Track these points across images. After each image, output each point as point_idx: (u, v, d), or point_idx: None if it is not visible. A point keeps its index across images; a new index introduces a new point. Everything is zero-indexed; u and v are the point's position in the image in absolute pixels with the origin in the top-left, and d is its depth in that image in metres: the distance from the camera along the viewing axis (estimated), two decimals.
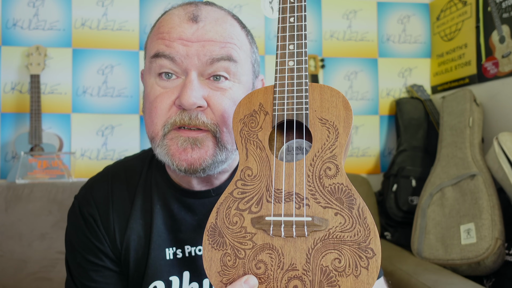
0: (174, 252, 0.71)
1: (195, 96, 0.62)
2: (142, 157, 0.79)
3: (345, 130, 0.55)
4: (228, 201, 0.56)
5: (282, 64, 0.58)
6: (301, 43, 0.58)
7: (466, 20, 1.80)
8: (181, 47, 0.63)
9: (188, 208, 0.72)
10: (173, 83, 0.65)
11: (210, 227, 0.56)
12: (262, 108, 0.58)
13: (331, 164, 0.54)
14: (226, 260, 0.54)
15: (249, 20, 1.96)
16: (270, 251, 0.53)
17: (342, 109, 0.56)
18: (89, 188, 0.76)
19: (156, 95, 0.65)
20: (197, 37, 0.64)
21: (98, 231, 0.71)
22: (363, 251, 0.50)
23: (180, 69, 0.64)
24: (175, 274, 0.71)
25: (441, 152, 1.61)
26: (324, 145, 0.55)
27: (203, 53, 0.63)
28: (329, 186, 0.53)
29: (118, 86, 1.86)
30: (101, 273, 0.71)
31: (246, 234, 0.54)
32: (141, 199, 0.73)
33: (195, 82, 0.63)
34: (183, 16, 0.65)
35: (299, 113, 0.56)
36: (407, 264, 1.38)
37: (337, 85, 2.01)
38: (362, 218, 0.51)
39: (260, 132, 0.58)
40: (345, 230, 0.51)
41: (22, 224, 1.45)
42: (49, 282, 1.41)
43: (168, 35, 0.64)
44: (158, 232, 0.71)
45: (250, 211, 0.55)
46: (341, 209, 0.52)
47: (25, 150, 1.71)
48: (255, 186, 0.56)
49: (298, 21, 0.59)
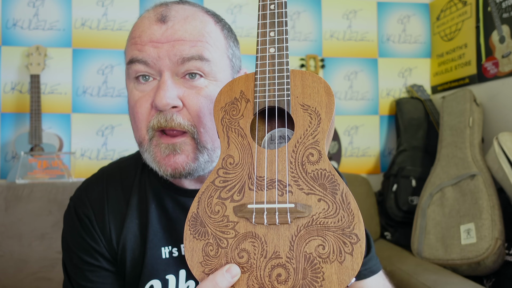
0: (170, 251, 0.71)
1: (168, 97, 0.62)
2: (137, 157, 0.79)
3: (327, 116, 0.54)
4: (209, 190, 0.55)
5: (263, 51, 0.58)
6: (281, 29, 0.58)
7: (466, 20, 1.80)
8: (152, 49, 0.63)
9: (182, 206, 0.73)
10: (150, 86, 0.65)
11: (191, 217, 0.55)
12: (243, 95, 0.58)
13: (313, 150, 0.53)
14: (208, 250, 0.53)
15: (249, 20, 1.96)
16: (253, 239, 0.52)
17: (324, 94, 0.55)
18: (84, 189, 0.76)
19: (136, 100, 0.66)
20: (166, 37, 0.63)
21: (94, 232, 0.71)
22: (347, 237, 0.49)
23: (155, 71, 0.64)
24: (172, 272, 0.71)
25: (441, 152, 1.61)
26: (307, 131, 0.54)
27: (173, 53, 0.63)
28: (312, 172, 0.52)
29: (118, 86, 1.86)
30: (97, 273, 0.71)
31: (229, 223, 0.53)
32: (136, 199, 0.73)
33: (168, 82, 0.63)
34: (152, 18, 0.65)
35: (280, 99, 0.56)
36: (407, 264, 1.38)
37: (337, 85, 2.01)
38: (345, 203, 0.50)
39: (241, 120, 0.57)
40: (328, 216, 0.50)
41: (22, 224, 1.45)
42: (49, 282, 1.41)
43: (140, 39, 0.64)
44: (153, 231, 0.71)
45: (232, 200, 0.54)
46: (324, 195, 0.51)
47: (25, 150, 1.71)
48: (237, 174, 0.55)
49: (279, 8, 0.59)
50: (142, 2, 1.90)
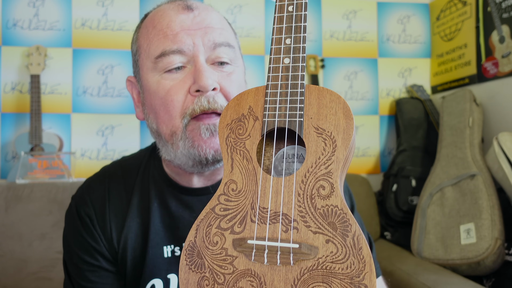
0: (172, 250, 0.71)
1: (211, 78, 0.63)
2: (140, 156, 0.79)
3: (343, 143, 0.47)
4: (209, 218, 0.50)
5: (276, 62, 0.52)
6: (299, 36, 0.51)
7: (466, 20, 1.80)
8: (186, 36, 0.64)
9: (185, 205, 0.73)
10: (182, 74, 0.65)
11: (188, 246, 0.51)
12: (251, 112, 0.51)
13: (325, 182, 0.47)
14: (204, 285, 0.49)
15: (249, 20, 1.96)
16: (251, 278, 0.47)
17: (342, 117, 0.48)
18: (86, 188, 0.76)
19: (167, 89, 0.64)
20: (197, 23, 0.65)
21: (94, 231, 0.71)
22: (356, 287, 0.44)
23: (188, 58, 0.65)
24: (173, 272, 0.71)
25: (441, 152, 1.61)
26: (319, 159, 0.47)
27: (207, 38, 0.64)
28: (322, 208, 0.46)
29: (118, 86, 1.86)
30: (97, 273, 0.71)
31: (227, 256, 0.49)
32: (138, 198, 0.73)
33: (206, 65, 0.64)
34: (176, 8, 0.67)
35: (292, 120, 0.49)
36: (407, 264, 1.38)
37: (337, 85, 2.01)
38: (357, 248, 0.44)
39: (247, 141, 0.51)
40: (336, 261, 0.45)
41: (22, 224, 1.45)
42: (49, 282, 1.41)
43: (169, 29, 0.64)
44: (155, 230, 0.71)
45: (232, 231, 0.49)
46: (333, 236, 0.45)
47: (25, 150, 1.71)
48: (239, 203, 0.49)
49: (298, 10, 0.52)
50: (142, 2, 1.90)
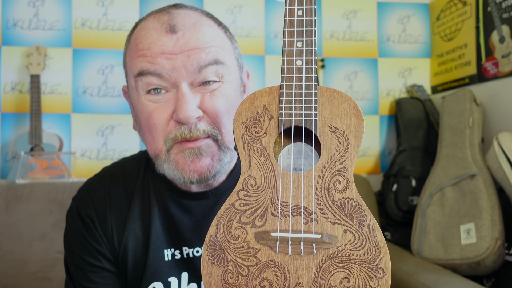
0: (172, 253, 0.71)
1: (191, 110, 0.61)
2: (139, 158, 0.79)
3: (356, 141, 0.51)
4: (229, 213, 0.52)
5: (289, 63, 0.53)
6: (310, 40, 0.53)
7: (466, 20, 1.80)
8: (165, 61, 0.61)
9: (185, 209, 0.72)
10: (164, 97, 0.63)
11: (209, 241, 0.52)
12: (266, 111, 0.54)
13: (340, 177, 0.50)
14: (228, 277, 0.51)
15: (249, 20, 1.96)
16: (275, 268, 0.50)
17: (353, 117, 0.51)
18: (86, 189, 0.76)
19: (150, 111, 0.63)
20: (180, 47, 0.61)
21: (96, 232, 0.71)
22: (373, 271, 0.48)
23: (169, 83, 0.62)
24: (174, 275, 0.71)
25: (441, 152, 1.61)
26: (334, 155, 0.51)
27: (190, 63, 0.61)
28: (339, 200, 0.50)
29: (118, 86, 1.86)
30: (99, 274, 0.71)
31: (250, 249, 0.51)
32: (139, 201, 0.73)
33: (187, 94, 0.61)
34: (160, 29, 0.63)
35: (307, 119, 0.52)
36: (407, 264, 1.38)
37: (337, 85, 2.01)
38: (372, 236, 0.49)
39: (264, 138, 0.53)
40: (354, 248, 0.49)
41: (22, 224, 1.45)
42: (49, 282, 1.41)
43: (149, 51, 0.62)
44: (156, 233, 0.71)
45: (253, 225, 0.51)
46: (350, 226, 0.49)
47: (25, 150, 1.71)
48: (259, 198, 0.52)
49: (307, 15, 0.54)
50: (142, 2, 1.90)
